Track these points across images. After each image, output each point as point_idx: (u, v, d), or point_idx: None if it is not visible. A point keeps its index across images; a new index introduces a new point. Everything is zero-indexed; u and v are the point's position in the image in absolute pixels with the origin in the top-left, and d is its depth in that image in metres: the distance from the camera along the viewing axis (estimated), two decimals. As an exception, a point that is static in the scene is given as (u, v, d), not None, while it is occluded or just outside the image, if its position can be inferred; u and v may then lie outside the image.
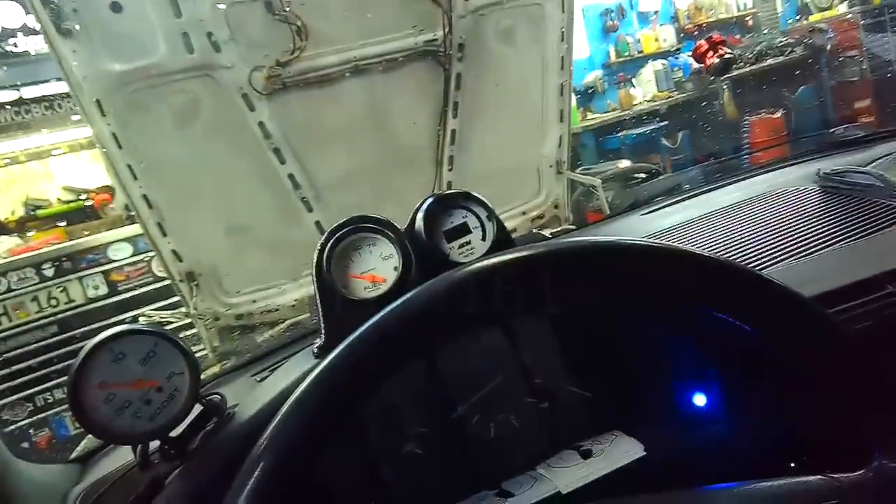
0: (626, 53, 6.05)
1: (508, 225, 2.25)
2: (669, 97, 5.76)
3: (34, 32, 3.61)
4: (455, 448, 0.77)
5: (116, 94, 1.61)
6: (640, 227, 1.22)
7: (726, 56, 2.76)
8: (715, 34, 2.87)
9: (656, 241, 0.50)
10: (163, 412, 0.57)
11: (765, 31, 6.16)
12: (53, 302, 3.42)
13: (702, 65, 2.89)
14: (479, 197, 0.67)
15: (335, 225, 0.63)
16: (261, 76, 1.76)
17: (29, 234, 3.76)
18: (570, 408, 0.81)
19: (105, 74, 1.59)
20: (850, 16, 5.52)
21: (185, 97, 1.71)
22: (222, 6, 1.66)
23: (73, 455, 0.95)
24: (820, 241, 0.95)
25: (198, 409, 0.63)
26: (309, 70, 1.84)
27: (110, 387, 0.55)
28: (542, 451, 0.78)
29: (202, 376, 1.01)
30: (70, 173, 4.05)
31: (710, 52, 2.79)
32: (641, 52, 6.08)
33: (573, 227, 2.39)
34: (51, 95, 3.68)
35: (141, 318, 3.05)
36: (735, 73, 5.47)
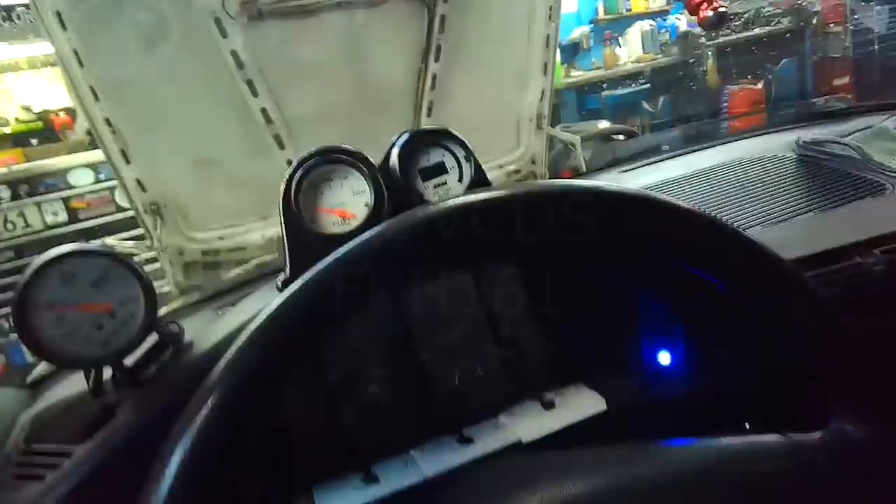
0: (615, 11, 5.95)
1: (484, 176, 2.20)
2: (654, 60, 5.71)
3: (-8, -63, 3.37)
4: (417, 392, 0.76)
5: (79, 6, 1.51)
6: (618, 184, 1.21)
7: (720, 9, 2.71)
8: (709, -15, 2.81)
9: (633, 189, 0.49)
10: (115, 338, 0.54)
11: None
12: (10, 226, 3.29)
13: (695, 17, 2.83)
14: (458, 136, 0.64)
15: (305, 154, 0.60)
16: (235, 1, 1.67)
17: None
18: (534, 358, 0.81)
19: (67, -16, 1.49)
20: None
21: (153, 16, 1.60)
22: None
23: (27, 381, 0.92)
24: (794, 208, 0.95)
25: (154, 338, 0.61)
26: (287, -1, 1.74)
27: (58, 308, 0.52)
28: (506, 399, 0.78)
29: (165, 310, 0.98)
30: (29, 92, 3.84)
31: (705, 4, 2.73)
32: (630, 10, 5.99)
33: (549, 182, 2.37)
34: (9, 5, 3.45)
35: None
36: (721, 39, 5.44)
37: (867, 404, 0.54)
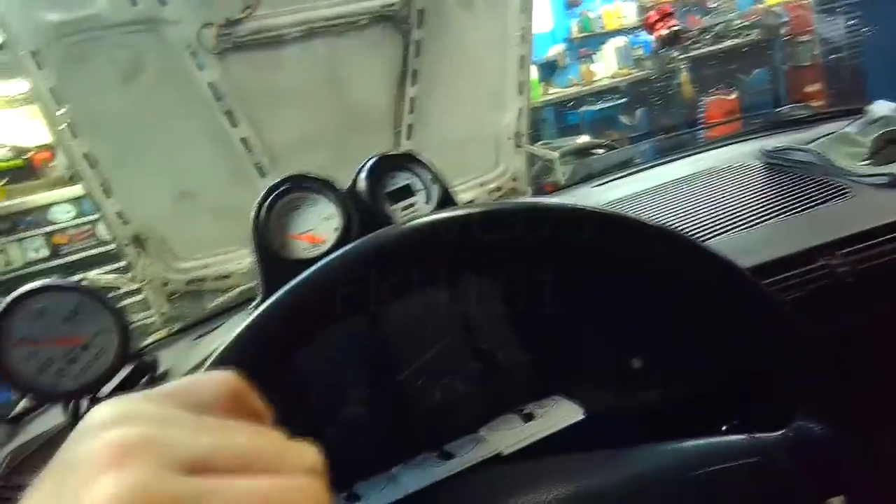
0: (589, 29, 6.06)
1: (467, 196, 2.25)
2: (629, 74, 5.81)
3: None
4: (397, 410, 0.77)
5: (54, 46, 1.53)
6: (590, 199, 1.24)
7: (675, 27, 2.79)
8: (665, 5, 2.90)
9: (600, 207, 0.50)
10: (89, 371, 0.55)
11: (717, 8, 6.22)
12: (-9, 264, 3.28)
13: (652, 34, 2.92)
14: (422, 159, 0.66)
15: (273, 183, 0.62)
16: (210, 34, 1.69)
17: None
18: (512, 371, 0.82)
19: (42, 24, 1.50)
20: (803, 1, 5.65)
21: (128, 52, 1.62)
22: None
23: (10, 415, 0.93)
24: (760, 215, 0.98)
25: (130, 368, 0.61)
26: (262, 30, 1.77)
27: (31, 343, 0.53)
28: (485, 414, 0.79)
29: (149, 340, 0.99)
30: (8, 129, 3.85)
31: (660, 23, 2.82)
32: (603, 28, 6.10)
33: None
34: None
35: (85, 282, 2.96)
36: (694, 53, 5.56)
37: (827, 403, 0.55)
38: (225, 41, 1.71)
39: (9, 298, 0.53)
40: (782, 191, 1.06)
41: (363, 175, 0.64)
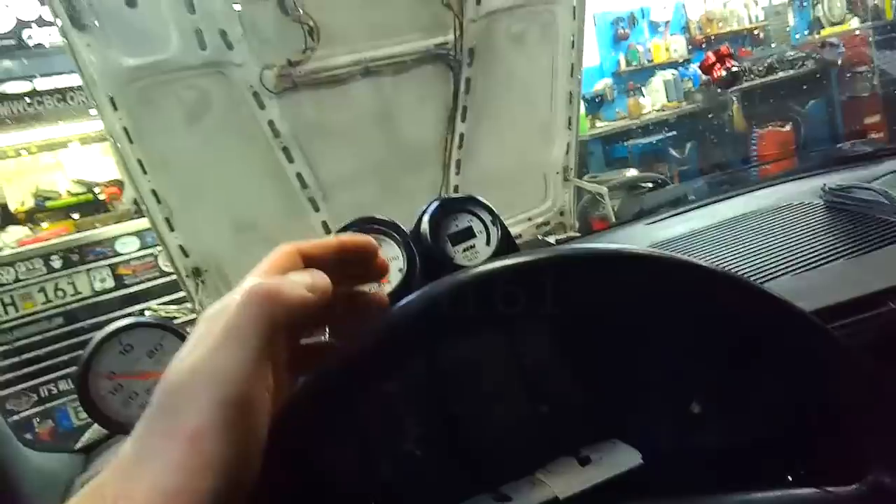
0: (637, 62, 6.06)
1: (514, 230, 2.26)
2: (678, 107, 5.76)
3: (49, 24, 3.65)
4: (454, 450, 0.77)
5: (129, 88, 1.62)
6: (644, 237, 1.23)
7: (733, 69, 2.76)
8: (723, 46, 2.87)
9: (661, 250, 0.51)
10: (168, 404, 0.58)
11: (773, 45, 6.15)
12: (60, 293, 3.44)
13: (709, 77, 2.90)
14: (484, 202, 0.68)
15: (342, 225, 0.64)
16: (272, 75, 1.77)
17: (38, 225, 3.79)
18: (569, 413, 0.81)
19: (118, 69, 1.61)
20: (860, 31, 5.52)
21: (196, 93, 1.72)
22: (237, 6, 1.67)
23: (79, 445, 0.96)
24: (823, 255, 0.95)
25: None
26: (320, 70, 1.85)
27: (118, 377, 0.56)
28: (541, 456, 0.78)
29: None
30: (80, 166, 4.08)
31: (718, 65, 2.79)
32: (651, 61, 6.09)
33: (578, 234, 2.39)
34: (63, 87, 3.71)
35: (147, 313, 3.07)
36: (745, 85, 5.48)
37: (904, 456, 0.53)
38: (286, 81, 1.79)
39: (101, 335, 0.56)
40: (846, 231, 1.03)
41: (426, 218, 0.66)
